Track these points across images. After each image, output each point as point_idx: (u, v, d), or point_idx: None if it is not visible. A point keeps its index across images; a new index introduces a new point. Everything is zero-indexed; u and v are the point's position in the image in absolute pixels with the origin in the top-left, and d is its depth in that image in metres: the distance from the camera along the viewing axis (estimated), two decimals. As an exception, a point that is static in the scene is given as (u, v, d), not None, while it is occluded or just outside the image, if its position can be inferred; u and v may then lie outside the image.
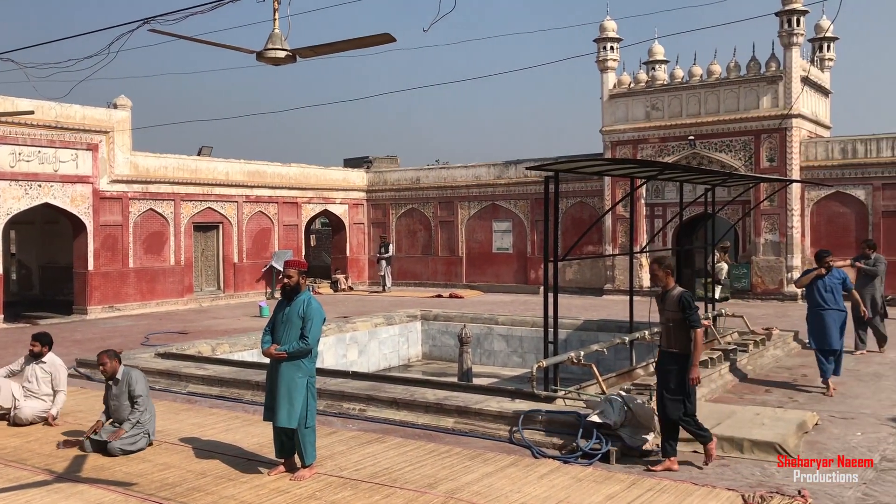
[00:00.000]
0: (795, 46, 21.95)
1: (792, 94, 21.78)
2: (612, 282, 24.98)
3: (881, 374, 11.77)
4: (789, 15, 21.79)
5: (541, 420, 8.39)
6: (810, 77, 23.17)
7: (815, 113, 24.08)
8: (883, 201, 21.48)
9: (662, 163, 13.23)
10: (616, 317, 17.21)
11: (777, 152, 22.22)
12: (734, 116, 22.72)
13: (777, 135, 22.17)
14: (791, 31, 21.80)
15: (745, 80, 22.65)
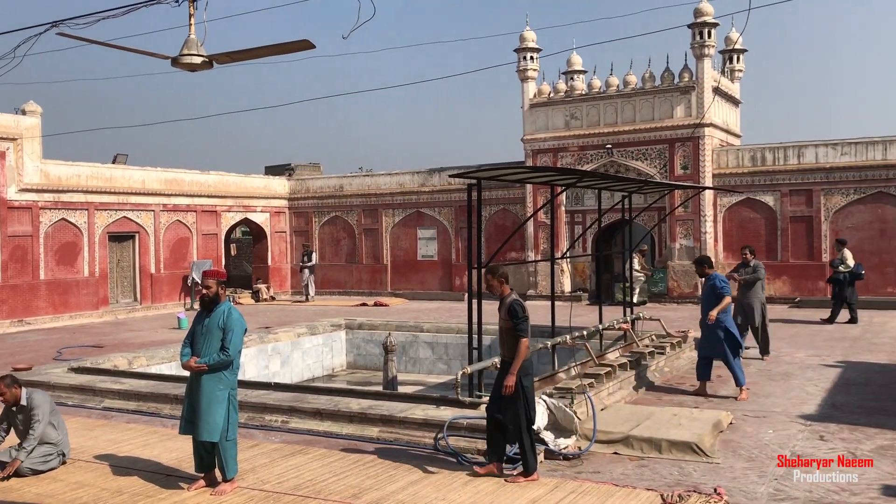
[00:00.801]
0: (707, 58, 22.74)
1: (704, 103, 22.55)
2: (535, 287, 25.32)
3: (791, 373, 12.24)
4: (701, 27, 22.56)
5: (465, 426, 8.42)
6: (721, 87, 24.04)
7: (726, 122, 24.97)
8: (790, 207, 22.43)
9: (581, 171, 13.50)
10: (539, 322, 17.30)
11: (690, 160, 22.96)
12: (649, 125, 23.37)
13: (690, 143, 22.91)
14: (703, 42, 22.58)
15: (660, 91, 23.33)
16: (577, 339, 11.96)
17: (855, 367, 12.54)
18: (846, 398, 10.38)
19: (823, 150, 22.19)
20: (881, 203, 21.54)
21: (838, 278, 18.12)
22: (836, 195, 21.97)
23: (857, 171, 21.69)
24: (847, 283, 18.04)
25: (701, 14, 22.55)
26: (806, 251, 22.28)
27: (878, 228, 21.54)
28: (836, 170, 21.91)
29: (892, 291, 21.37)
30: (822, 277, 21.98)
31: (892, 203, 21.40)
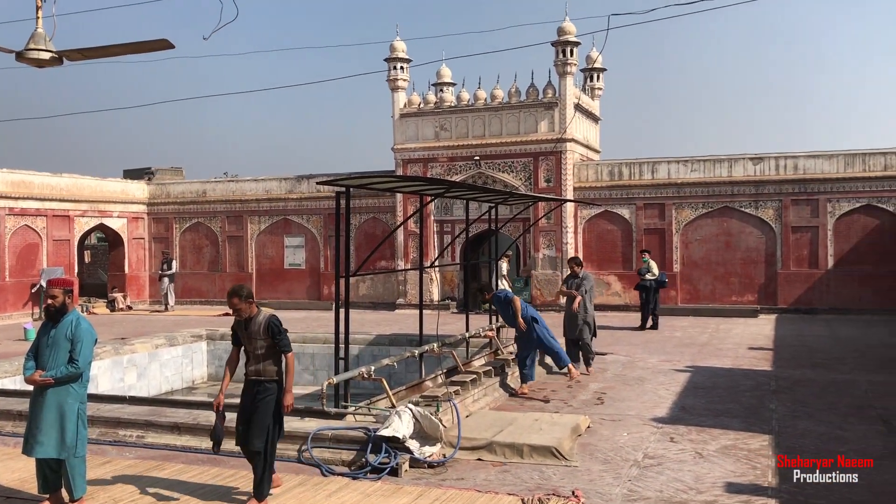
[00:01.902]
0: (569, 75, 23.61)
1: (566, 119, 23.39)
2: (404, 296, 25.42)
3: (645, 378, 12.84)
4: (564, 46, 23.41)
5: (330, 437, 8.34)
6: (582, 104, 25.03)
7: (586, 138, 26.00)
8: (645, 219, 23.61)
9: (449, 181, 13.71)
10: (408, 330, 17.52)
11: (553, 173, 23.74)
12: (515, 139, 24.00)
13: (553, 157, 23.69)
14: (565, 60, 23.43)
15: (525, 105, 24.02)
16: (444, 346, 12.08)
17: (703, 372, 13.30)
18: (694, 401, 11.00)
19: (675, 166, 23.52)
20: (726, 217, 23.03)
21: (645, 286, 19.35)
22: (687, 209, 23.32)
23: (705, 186, 23.11)
24: (653, 290, 19.30)
25: (564, 33, 23.40)
26: (659, 262, 23.42)
27: (724, 241, 23.01)
28: (686, 185, 23.26)
29: (736, 300, 22.85)
30: (674, 287, 23.25)
31: (737, 217, 22.92)
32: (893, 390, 11.56)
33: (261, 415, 6.81)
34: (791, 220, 22.36)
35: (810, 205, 22.26)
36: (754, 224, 22.79)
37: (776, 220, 22.50)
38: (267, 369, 6.87)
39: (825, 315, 21.56)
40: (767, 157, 22.79)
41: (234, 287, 6.95)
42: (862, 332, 18.48)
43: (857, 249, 21.87)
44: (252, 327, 6.85)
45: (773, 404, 10.70)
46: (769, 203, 22.60)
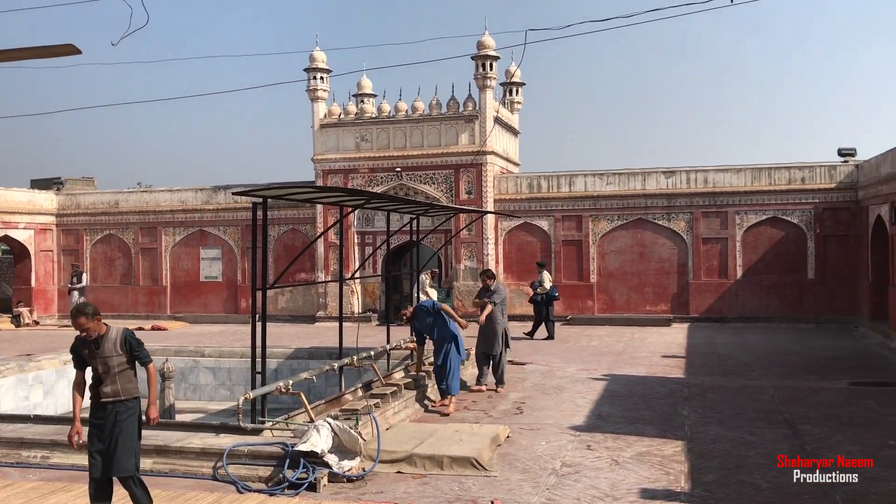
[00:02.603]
0: (489, 89, 23.88)
1: (487, 132, 23.64)
2: (324, 309, 25.16)
3: (563, 387, 13.04)
4: (484, 59, 23.68)
5: (246, 453, 8.16)
6: (502, 118, 25.35)
7: (506, 151, 26.33)
8: (563, 231, 24.04)
9: (369, 192, 13.65)
10: (328, 343, 17.33)
11: (474, 185, 23.95)
12: (436, 151, 24.12)
13: (474, 169, 23.90)
14: (485, 74, 23.70)
15: (446, 118, 24.17)
16: (364, 359, 12.00)
17: (619, 380, 13.59)
18: (611, 409, 11.22)
19: (591, 179, 24.04)
20: (640, 229, 23.65)
21: (536, 300, 20.00)
22: (603, 221, 23.85)
23: (620, 199, 23.69)
24: (544, 303, 19.96)
25: (483, 47, 23.67)
26: (577, 272, 23.95)
27: (638, 252, 23.62)
28: (602, 198, 23.80)
29: (650, 309, 23.45)
30: (591, 297, 23.74)
31: (650, 229, 23.57)
32: (798, 395, 12.05)
33: (127, 436, 6.44)
34: (702, 231, 23.13)
35: (720, 217, 23.07)
36: (667, 235, 23.48)
37: (688, 232, 23.23)
38: (126, 387, 6.48)
39: (734, 323, 22.35)
40: (679, 170, 23.53)
41: (79, 305, 6.51)
42: (769, 339, 19.22)
43: (763, 260, 22.77)
44: (104, 345, 6.44)
45: (685, 411, 11.01)
46: (681, 215, 23.31)
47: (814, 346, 17.72)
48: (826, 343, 18.34)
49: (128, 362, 6.52)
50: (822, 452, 8.65)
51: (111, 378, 6.46)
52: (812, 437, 9.41)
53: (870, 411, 10.87)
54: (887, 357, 16.04)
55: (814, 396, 11.95)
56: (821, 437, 9.41)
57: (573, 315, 23.58)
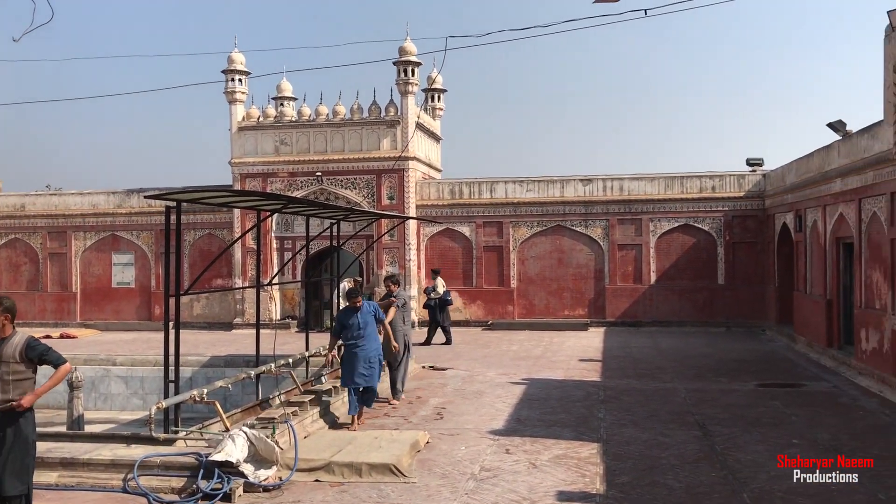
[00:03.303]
0: (411, 94, 23.90)
1: (408, 137, 23.64)
2: (241, 315, 24.68)
3: (483, 391, 13.12)
4: (405, 65, 23.69)
5: (159, 464, 7.92)
6: (424, 123, 25.40)
7: (428, 156, 26.39)
8: (484, 237, 24.23)
9: (287, 196, 13.47)
10: (245, 351, 17.01)
11: (396, 191, 23.91)
12: (358, 156, 23.99)
13: (396, 174, 23.86)
14: (407, 80, 23.71)
15: (368, 123, 24.07)
16: (282, 367, 11.80)
17: (537, 384, 13.76)
18: (529, 413, 11.34)
19: (512, 186, 24.31)
20: (559, 235, 24.04)
21: (430, 304, 20.17)
22: (523, 227, 24.14)
23: (539, 206, 24.04)
24: (438, 308, 20.09)
25: (405, 53, 23.68)
26: (497, 278, 24.16)
27: (557, 258, 24.00)
28: (522, 204, 24.10)
29: (569, 314, 23.85)
30: (512, 302, 23.99)
31: (569, 235, 23.98)
32: (709, 397, 12.44)
33: (19, 452, 6.13)
34: (617, 238, 23.66)
35: (635, 224, 23.65)
36: (584, 242, 23.93)
37: (604, 238, 23.73)
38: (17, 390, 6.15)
39: (649, 327, 22.93)
40: (596, 178, 24.03)
41: None
42: (681, 342, 19.79)
43: (676, 266, 23.45)
44: (4, 349, 6.11)
45: (601, 413, 11.22)
46: (598, 222, 23.81)
47: (724, 349, 18.33)
48: (735, 346, 18.99)
49: (28, 372, 6.21)
50: (731, 452, 8.95)
51: (3, 385, 6.11)
52: (722, 437, 9.72)
53: (776, 411, 11.30)
54: (792, 359, 16.71)
55: (724, 398, 12.35)
56: (730, 437, 9.73)
57: (494, 320, 23.79)
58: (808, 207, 17.94)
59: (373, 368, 10.82)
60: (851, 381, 13.76)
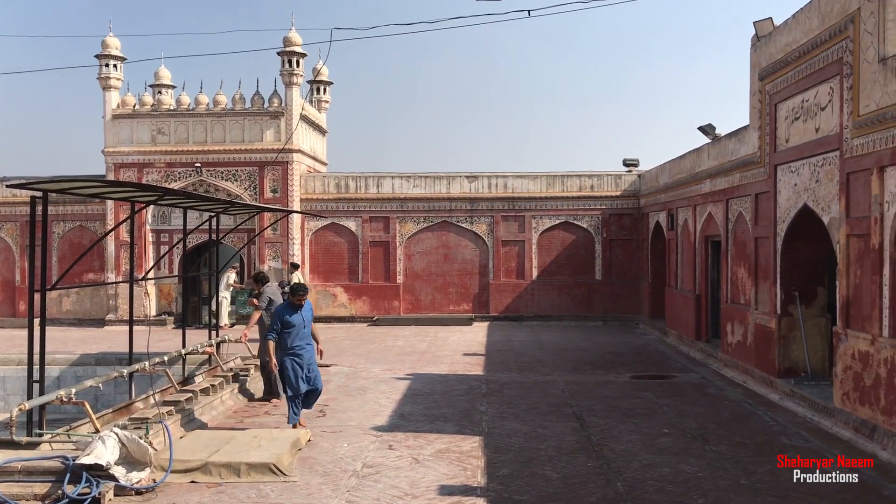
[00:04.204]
0: (296, 86, 23.48)
1: (293, 129, 23.23)
2: (115, 311, 23.61)
3: (367, 387, 13.06)
4: (290, 56, 23.25)
5: (20, 469, 7.44)
6: (309, 116, 25.02)
7: (313, 149, 26.02)
8: (370, 232, 24.11)
9: (163, 187, 12.91)
10: (118, 348, 16.30)
11: (280, 184, 23.45)
12: (240, 147, 23.37)
13: (280, 167, 23.40)
14: (292, 71, 23.28)
15: (250, 113, 23.49)
16: (157, 365, 11.36)
17: (421, 379, 13.83)
18: (413, 408, 11.38)
19: (399, 181, 24.31)
20: (445, 231, 24.24)
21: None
22: (409, 222, 24.19)
23: (426, 201, 24.14)
24: None
25: (290, 43, 23.24)
26: (383, 273, 24.11)
27: (443, 253, 24.19)
28: (409, 200, 24.14)
29: (454, 309, 24.08)
30: (398, 298, 23.99)
31: (454, 231, 24.20)
32: (586, 389, 12.84)
33: None
34: (501, 234, 24.08)
35: (518, 221, 24.13)
36: (470, 238, 24.22)
37: (489, 235, 24.10)
38: None
39: (530, 321, 23.46)
40: (481, 175, 24.36)
41: None
42: (561, 336, 20.35)
43: (557, 262, 24.09)
44: None
45: (483, 407, 11.39)
46: (483, 218, 24.15)
47: (600, 343, 18.97)
48: (611, 339, 19.70)
49: None
50: (606, 443, 9.27)
51: None
52: (598, 428, 10.05)
53: (648, 402, 11.78)
54: (663, 352, 17.48)
55: (600, 390, 12.78)
56: (605, 427, 10.07)
57: (380, 316, 23.72)
58: (680, 207, 18.80)
59: (315, 370, 10.00)
60: (718, 372, 14.53)
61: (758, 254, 13.46)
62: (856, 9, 9.72)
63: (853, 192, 9.88)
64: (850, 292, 9.98)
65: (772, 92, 12.72)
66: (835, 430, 9.82)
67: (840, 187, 10.20)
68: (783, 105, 12.34)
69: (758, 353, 13.14)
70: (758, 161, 13.38)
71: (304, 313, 10.02)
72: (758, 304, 13.39)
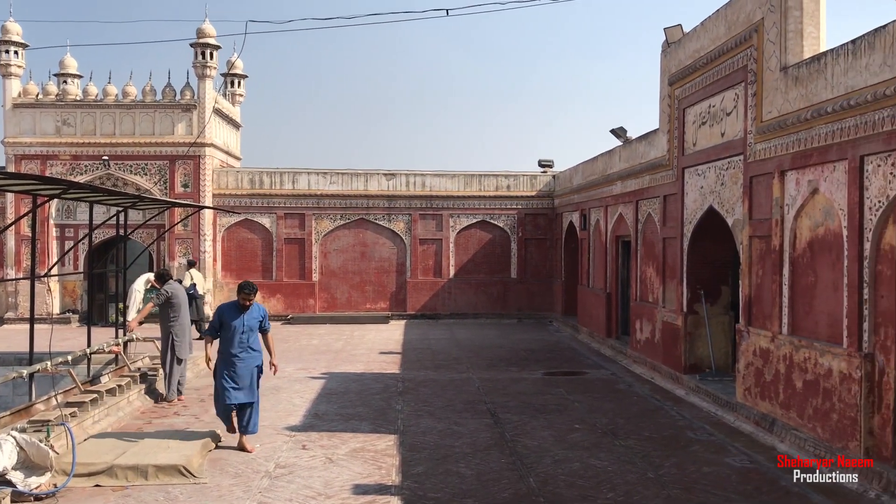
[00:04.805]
0: (209, 78, 22.93)
1: (205, 123, 22.68)
2: (14, 309, 22.56)
3: (280, 387, 12.86)
4: (204, 48, 22.68)
5: None
6: (222, 109, 24.47)
7: (226, 144, 25.46)
8: (285, 229, 23.77)
9: (68, 181, 12.40)
10: (17, 348, 15.52)
11: (191, 178, 22.86)
12: (150, 140, 22.67)
13: (192, 161, 22.81)
14: (205, 63, 22.71)
15: (161, 105, 22.81)
16: (60, 365, 10.90)
17: (336, 378, 13.72)
18: (327, 407, 11.28)
19: (315, 177, 24.04)
20: (362, 228, 24.11)
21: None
22: (325, 220, 23.96)
23: (343, 198, 23.96)
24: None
25: (203, 35, 22.68)
26: (298, 271, 23.81)
27: (360, 251, 24.06)
28: (325, 196, 23.90)
29: (371, 307, 23.99)
30: (313, 296, 23.73)
31: (372, 229, 24.11)
32: (500, 386, 12.99)
33: None
34: (419, 232, 24.11)
35: (436, 219, 24.21)
36: (387, 236, 24.16)
37: (406, 233, 24.10)
38: None
39: (447, 319, 23.58)
40: (399, 173, 24.33)
41: None
42: (476, 334, 20.53)
43: (473, 260, 24.28)
44: None
45: (399, 405, 11.39)
46: (400, 216, 24.13)
47: (515, 340, 19.22)
48: (525, 337, 19.99)
49: None
50: (519, 439, 9.40)
51: None
52: (511, 424, 10.18)
53: (561, 398, 12.01)
54: (575, 349, 17.85)
55: (514, 386, 12.95)
56: (519, 424, 10.22)
57: (294, 314, 23.42)
58: (592, 207, 19.22)
59: (253, 381, 9.03)
60: (627, 368, 14.93)
61: (665, 254, 13.88)
62: (760, 19, 10.14)
63: (756, 195, 10.30)
64: (752, 291, 10.41)
65: (681, 97, 13.14)
66: (737, 423, 10.22)
67: (744, 190, 10.62)
68: (691, 110, 12.76)
69: (665, 350, 13.56)
70: (666, 164, 13.80)
71: (248, 317, 8.96)
72: (665, 303, 13.81)
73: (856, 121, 7.88)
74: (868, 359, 7.72)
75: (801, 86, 9.01)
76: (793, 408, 9.10)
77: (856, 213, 7.93)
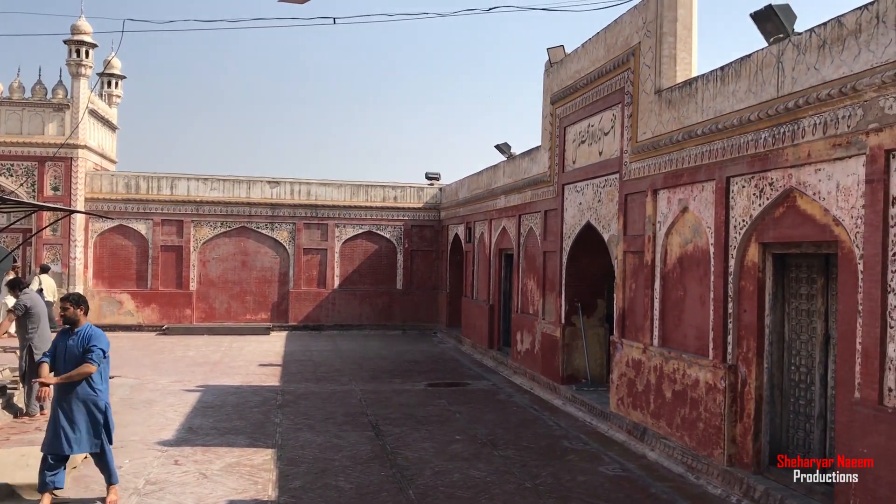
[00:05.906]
0: (84, 77, 21.88)
1: (79, 123, 21.62)
2: None
3: (153, 400, 12.37)
4: (79, 45, 21.64)
5: None
6: (98, 110, 23.41)
7: (101, 146, 24.36)
8: (162, 236, 22.91)
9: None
10: None
11: (62, 181, 21.72)
12: (17, 140, 21.40)
13: (63, 163, 21.68)
14: (80, 61, 21.67)
15: (31, 104, 21.59)
16: None
17: (213, 391, 13.30)
18: (203, 421, 10.91)
19: (195, 183, 23.32)
20: (244, 237, 23.55)
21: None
22: (205, 227, 23.25)
23: (224, 205, 23.33)
24: None
25: (79, 31, 21.64)
26: (175, 280, 22.99)
27: (241, 260, 23.48)
28: (205, 203, 23.20)
29: (251, 318, 23.43)
30: (190, 306, 22.96)
31: (253, 237, 23.58)
32: (383, 398, 12.94)
33: None
34: (303, 242, 23.77)
35: (321, 229, 23.94)
36: (270, 245, 23.70)
37: (290, 242, 23.71)
38: None
39: (331, 331, 23.32)
40: (284, 181, 23.93)
41: None
42: (360, 345, 20.39)
43: (359, 271, 24.14)
44: None
45: (278, 418, 11.15)
46: (284, 225, 23.72)
47: (399, 351, 19.22)
48: (409, 348, 20.01)
49: None
50: (400, 451, 9.38)
51: None
52: (393, 436, 10.15)
53: (442, 409, 12.08)
54: (458, 360, 18.01)
55: (396, 398, 12.93)
56: (400, 436, 10.20)
57: (170, 324, 22.57)
58: (477, 221, 19.50)
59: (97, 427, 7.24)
60: (508, 379, 15.18)
61: (546, 267, 14.23)
62: (637, 43, 10.58)
63: (630, 212, 10.72)
64: (625, 304, 10.80)
65: (562, 115, 13.53)
66: (611, 433, 10.57)
67: (619, 207, 11.03)
68: (572, 128, 13.17)
69: (544, 361, 13.88)
70: (548, 180, 14.17)
71: (72, 342, 7.11)
72: (545, 315, 14.15)
73: (723, 144, 8.33)
74: (732, 370, 8.14)
75: (674, 109, 9.45)
76: (663, 417, 9.48)
77: (722, 232, 8.37)
